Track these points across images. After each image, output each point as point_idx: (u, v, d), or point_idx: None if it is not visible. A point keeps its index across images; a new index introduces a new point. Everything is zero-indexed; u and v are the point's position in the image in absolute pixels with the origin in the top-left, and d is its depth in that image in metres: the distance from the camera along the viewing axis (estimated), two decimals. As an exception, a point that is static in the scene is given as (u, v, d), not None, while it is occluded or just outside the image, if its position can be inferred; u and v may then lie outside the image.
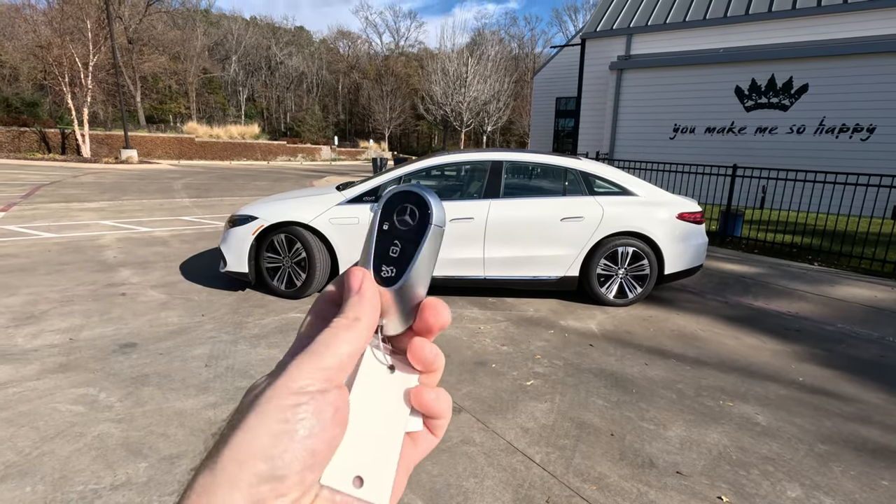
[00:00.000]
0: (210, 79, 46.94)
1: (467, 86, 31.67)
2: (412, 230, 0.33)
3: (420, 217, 0.33)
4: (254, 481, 0.24)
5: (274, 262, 4.53)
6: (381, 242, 0.33)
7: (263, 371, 1.67)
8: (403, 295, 0.32)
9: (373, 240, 0.33)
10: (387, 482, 0.29)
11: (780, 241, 7.33)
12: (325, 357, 0.28)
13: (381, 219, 0.34)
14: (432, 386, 0.34)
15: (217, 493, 0.24)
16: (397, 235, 0.33)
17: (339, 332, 0.29)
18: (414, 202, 0.33)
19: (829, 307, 4.87)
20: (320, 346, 0.29)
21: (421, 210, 0.33)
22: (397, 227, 0.33)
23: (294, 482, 0.25)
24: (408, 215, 0.33)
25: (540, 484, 2.20)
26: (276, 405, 0.26)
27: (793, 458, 2.45)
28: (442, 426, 0.34)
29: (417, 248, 0.32)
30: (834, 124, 11.32)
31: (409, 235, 0.33)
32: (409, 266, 0.32)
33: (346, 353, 0.29)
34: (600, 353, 3.66)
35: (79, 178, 14.86)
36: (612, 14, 14.97)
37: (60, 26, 21.36)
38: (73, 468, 2.16)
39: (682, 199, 4.85)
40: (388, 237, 0.33)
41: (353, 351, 0.29)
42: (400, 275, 0.32)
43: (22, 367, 3.05)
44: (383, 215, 0.34)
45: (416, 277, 0.32)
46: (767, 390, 3.17)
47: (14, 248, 6.03)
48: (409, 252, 0.32)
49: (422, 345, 0.33)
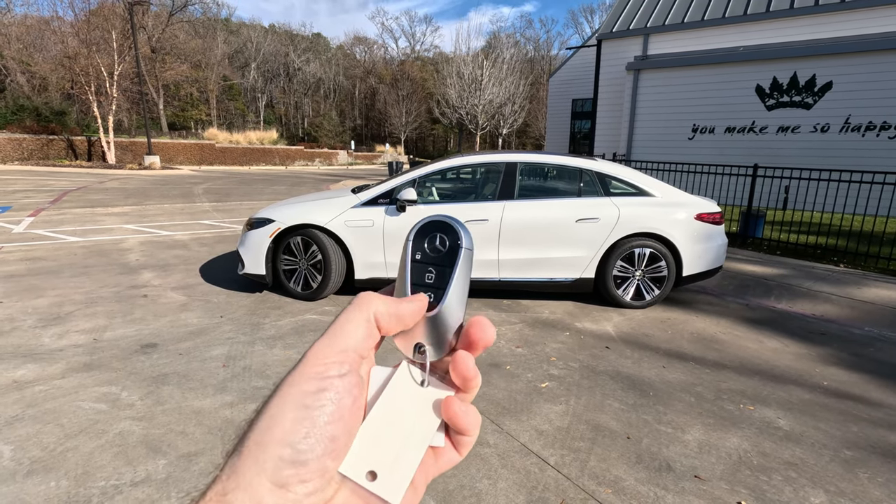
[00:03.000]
0: (230, 86, 47.87)
1: (483, 89, 31.69)
2: (444, 255, 0.34)
3: (450, 242, 0.34)
4: (278, 465, 0.25)
5: (290, 264, 4.58)
6: (415, 271, 0.34)
7: (279, 372, 1.70)
8: (443, 317, 0.33)
9: (407, 270, 0.34)
10: (401, 483, 0.30)
11: (804, 243, 7.15)
12: (341, 339, 0.29)
13: (413, 250, 0.35)
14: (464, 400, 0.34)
15: (245, 476, 0.25)
16: (430, 262, 0.34)
17: (351, 314, 0.30)
18: (441, 229, 0.35)
19: (855, 310, 4.73)
20: (336, 329, 0.30)
21: (450, 235, 0.34)
22: (429, 254, 0.34)
23: (315, 468, 0.26)
24: (438, 242, 0.34)
25: (554, 486, 2.17)
26: (297, 390, 0.27)
27: (816, 464, 2.38)
28: (467, 444, 0.33)
29: (452, 270, 0.33)
30: (860, 122, 11.01)
31: (441, 261, 0.34)
32: (446, 288, 0.33)
33: (362, 336, 0.30)
34: (617, 355, 3.61)
35: (104, 183, 15.29)
36: (628, 14, 14.83)
37: (87, 37, 22.07)
38: (95, 464, 2.21)
39: (701, 200, 4.77)
40: (421, 266, 0.34)
41: (367, 335, 0.30)
42: (439, 299, 0.33)
43: (48, 366, 3.14)
44: (414, 247, 0.35)
45: (453, 299, 0.33)
46: (790, 394, 3.08)
47: (42, 251, 6.23)
48: (444, 276, 0.34)
49: (465, 359, 0.33)
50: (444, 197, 5.07)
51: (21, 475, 2.13)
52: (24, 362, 3.18)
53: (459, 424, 0.32)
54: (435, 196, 4.96)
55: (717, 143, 12.87)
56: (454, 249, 0.34)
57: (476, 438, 0.34)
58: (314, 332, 3.86)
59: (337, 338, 0.29)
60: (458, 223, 0.35)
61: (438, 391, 0.33)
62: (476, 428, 0.33)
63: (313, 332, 3.86)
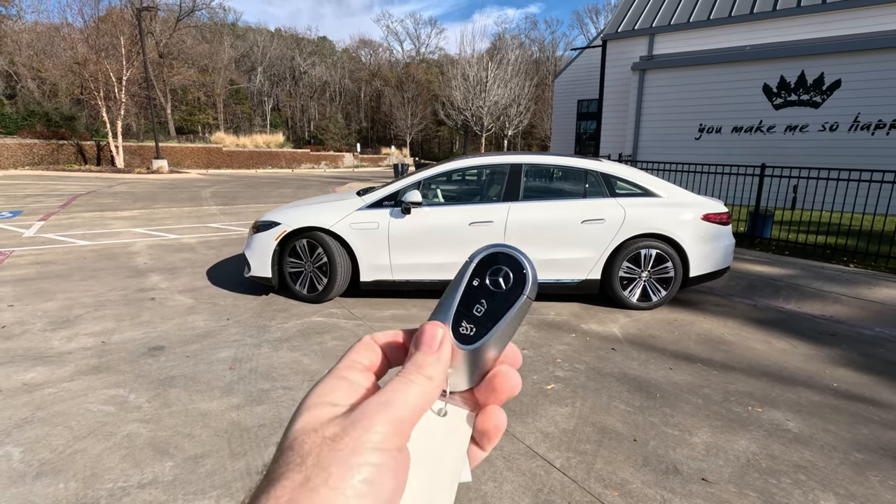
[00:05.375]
0: (237, 90, 48.22)
1: (488, 90, 31.71)
2: (503, 294, 0.31)
3: (515, 283, 0.32)
4: None
5: (296, 266, 4.60)
6: (467, 298, 0.32)
7: (285, 374, 1.71)
8: (477, 356, 0.31)
9: (458, 293, 0.32)
10: None
11: (813, 242, 7.08)
12: (398, 408, 0.27)
13: (473, 274, 0.32)
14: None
15: None
16: (486, 295, 0.32)
17: (411, 385, 0.28)
18: (511, 266, 0.32)
19: (866, 310, 4.67)
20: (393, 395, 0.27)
21: (517, 276, 0.32)
22: (488, 286, 0.32)
23: None
24: (501, 277, 0.32)
25: (560, 489, 2.16)
26: (358, 462, 0.24)
27: (826, 467, 2.35)
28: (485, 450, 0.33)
29: (505, 313, 0.31)
30: (869, 121, 10.89)
31: (498, 298, 0.31)
32: (492, 329, 0.31)
33: (419, 408, 0.28)
34: (623, 357, 3.59)
35: (113, 187, 15.44)
36: (633, 14, 14.78)
37: (96, 43, 22.34)
38: (103, 466, 2.23)
39: (707, 200, 4.74)
40: (475, 294, 0.32)
41: (424, 406, 0.28)
42: (480, 336, 0.31)
43: (57, 368, 3.18)
44: (476, 271, 0.32)
45: (495, 342, 0.31)
46: (799, 396, 3.05)
47: (52, 255, 6.30)
48: (495, 314, 0.31)
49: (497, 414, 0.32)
50: (449, 199, 5.07)
51: (30, 477, 2.15)
52: (33, 365, 3.22)
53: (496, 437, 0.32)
54: (440, 198, 4.96)
55: (723, 142, 12.78)
56: (516, 293, 0.31)
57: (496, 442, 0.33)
58: (320, 334, 3.87)
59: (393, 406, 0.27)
60: (532, 267, 0.32)
61: (457, 421, 0.32)
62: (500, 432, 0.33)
63: (319, 334, 3.87)
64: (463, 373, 0.31)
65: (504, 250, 0.33)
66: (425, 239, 4.51)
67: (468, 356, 0.31)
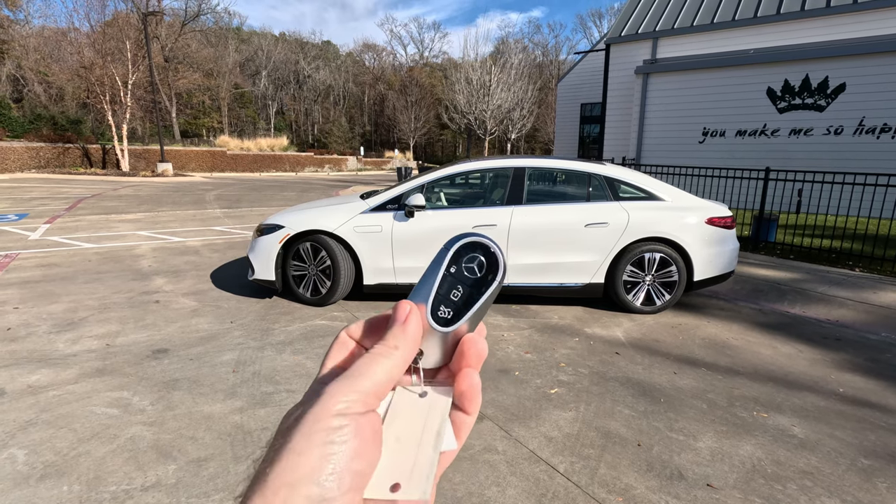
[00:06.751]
0: (241, 93, 48.48)
1: (491, 94, 31.74)
2: (478, 280, 0.34)
3: (487, 270, 0.35)
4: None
5: (300, 269, 4.61)
6: (444, 284, 0.34)
7: (288, 377, 1.72)
8: (454, 337, 0.34)
9: (436, 280, 0.34)
10: (424, 482, 0.30)
11: (818, 246, 7.04)
12: (361, 380, 0.29)
13: (450, 262, 0.35)
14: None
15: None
16: (461, 281, 0.35)
17: (376, 358, 0.31)
18: (484, 254, 0.35)
19: (872, 315, 4.64)
20: (358, 370, 0.30)
21: (490, 263, 0.35)
22: (464, 273, 0.35)
23: (342, 503, 0.26)
24: (476, 265, 0.35)
25: (564, 494, 2.15)
26: (321, 427, 0.27)
27: (833, 473, 2.33)
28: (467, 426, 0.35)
29: (479, 297, 0.34)
30: (875, 124, 10.84)
31: (473, 284, 0.34)
32: (468, 311, 0.34)
33: (383, 380, 0.30)
34: (627, 361, 3.57)
35: (118, 190, 15.53)
36: (636, 18, 14.79)
37: (102, 48, 22.51)
38: (106, 469, 2.23)
39: (712, 204, 4.72)
40: (452, 280, 0.35)
41: (389, 378, 0.30)
42: (457, 318, 0.34)
43: (62, 371, 3.19)
44: (452, 259, 0.35)
45: (470, 323, 0.34)
46: (805, 401, 3.03)
47: (57, 257, 6.33)
48: (470, 299, 0.34)
49: (471, 376, 0.34)
50: (452, 202, 5.07)
51: (34, 479, 2.15)
52: (38, 367, 3.23)
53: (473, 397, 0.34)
54: (443, 202, 4.96)
55: (727, 146, 12.74)
56: (489, 279, 0.34)
57: (475, 420, 0.35)
58: (323, 337, 3.87)
59: (359, 379, 0.30)
60: (502, 254, 0.35)
61: (439, 399, 0.34)
62: (478, 405, 0.35)
63: (322, 337, 3.87)
64: (440, 351, 0.35)
65: (476, 239, 0.35)
66: (429, 242, 4.51)
67: (446, 337, 0.34)
